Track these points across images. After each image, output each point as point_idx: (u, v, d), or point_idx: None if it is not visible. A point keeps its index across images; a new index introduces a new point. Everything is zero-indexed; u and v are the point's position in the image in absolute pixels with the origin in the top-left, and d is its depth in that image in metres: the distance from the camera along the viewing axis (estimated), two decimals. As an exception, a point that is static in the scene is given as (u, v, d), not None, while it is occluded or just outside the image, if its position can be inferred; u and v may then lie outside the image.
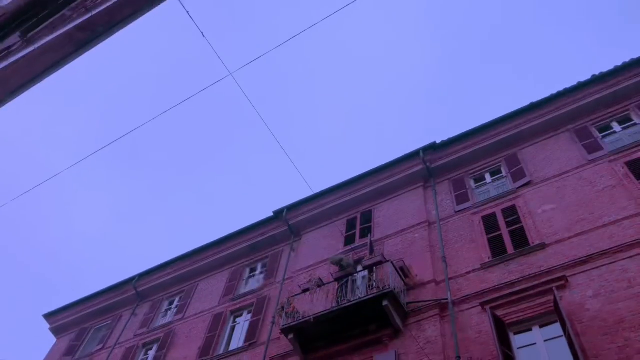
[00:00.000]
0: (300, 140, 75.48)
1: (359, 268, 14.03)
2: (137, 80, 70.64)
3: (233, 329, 16.49)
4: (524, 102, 16.06)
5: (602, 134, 14.21)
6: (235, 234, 19.39)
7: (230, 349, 15.39)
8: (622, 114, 14.34)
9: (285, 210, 18.31)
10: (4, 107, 6.29)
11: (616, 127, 14.19)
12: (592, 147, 13.66)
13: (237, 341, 15.65)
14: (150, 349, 17.91)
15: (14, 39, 5.64)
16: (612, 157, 13.02)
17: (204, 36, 8.43)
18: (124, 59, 64.47)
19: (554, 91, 15.41)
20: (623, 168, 12.47)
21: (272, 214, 18.65)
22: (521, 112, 15.71)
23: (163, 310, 19.52)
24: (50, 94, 64.19)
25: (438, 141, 16.64)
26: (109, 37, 5.67)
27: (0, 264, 61.61)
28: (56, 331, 22.11)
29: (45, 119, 66.70)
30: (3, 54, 5.52)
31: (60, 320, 22.03)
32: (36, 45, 5.42)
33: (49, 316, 22.27)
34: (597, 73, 14.92)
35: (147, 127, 71.15)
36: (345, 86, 70.91)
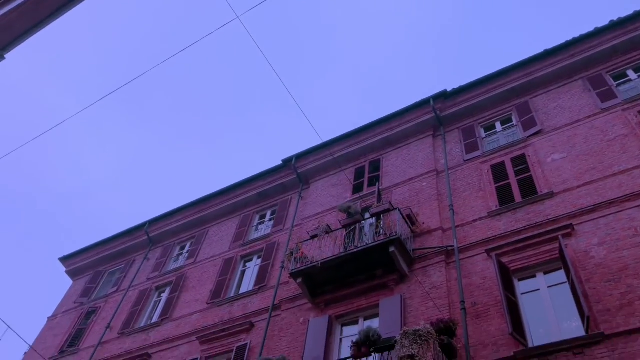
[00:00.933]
0: (310, 89, 74.73)
1: (367, 215, 14.18)
2: (146, 24, 69.62)
3: (243, 273, 16.84)
4: (538, 50, 15.64)
5: (617, 82, 13.90)
6: (245, 181, 19.49)
7: (240, 292, 15.78)
8: (639, 61, 13.97)
9: (294, 159, 18.32)
10: (11, 52, 6.27)
11: (632, 74, 13.85)
12: (606, 96, 13.40)
13: (248, 285, 16.04)
14: (163, 291, 18.41)
15: (17, -19, 5.56)
16: (625, 106, 12.78)
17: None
18: (132, 3, 63.32)
19: (569, 37, 15.02)
20: (636, 117, 12.26)
21: (281, 163, 18.73)
22: (534, 60, 15.35)
23: (175, 255, 19.91)
24: (57, 38, 63.58)
25: (449, 89, 16.41)
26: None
27: (15, 209, 62.87)
28: (72, 274, 22.68)
29: (53, 64, 66.32)
30: (7, -4, 5.45)
31: (76, 263, 22.53)
32: (40, -12, 5.34)
33: (64, 259, 22.76)
34: (615, 19, 14.47)
35: (156, 74, 70.59)
36: (356, 34, 69.49)
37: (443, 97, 16.41)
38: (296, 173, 18.23)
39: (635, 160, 11.24)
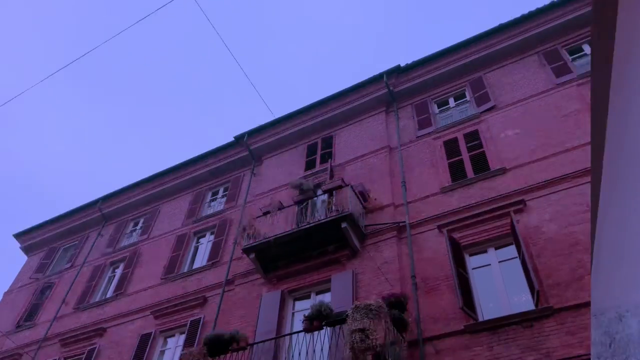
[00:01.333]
0: (262, 65, 73.60)
1: (319, 192, 13.96)
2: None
3: (196, 249, 16.70)
4: (494, 24, 15.46)
5: (572, 57, 13.82)
6: (197, 158, 19.16)
7: (194, 268, 15.67)
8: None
9: (246, 136, 17.94)
10: None
11: (587, 49, 13.76)
12: (561, 71, 13.31)
13: (201, 260, 15.89)
14: (117, 267, 18.24)
15: None
16: (580, 81, 12.64)
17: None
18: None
19: (525, 12, 14.84)
20: (591, 92, 12.22)
21: (233, 139, 18.30)
22: (489, 34, 15.09)
23: (128, 231, 19.68)
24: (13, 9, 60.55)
25: (402, 64, 16.09)
26: None
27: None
28: (27, 250, 22.39)
29: (8, 36, 63.28)
30: None
31: (30, 239, 22.26)
32: None
33: (19, 236, 22.50)
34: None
35: (110, 52, 68.13)
36: (310, 8, 68.49)
37: (396, 72, 16.09)
38: (248, 150, 17.88)
39: (589, 135, 11.18)
